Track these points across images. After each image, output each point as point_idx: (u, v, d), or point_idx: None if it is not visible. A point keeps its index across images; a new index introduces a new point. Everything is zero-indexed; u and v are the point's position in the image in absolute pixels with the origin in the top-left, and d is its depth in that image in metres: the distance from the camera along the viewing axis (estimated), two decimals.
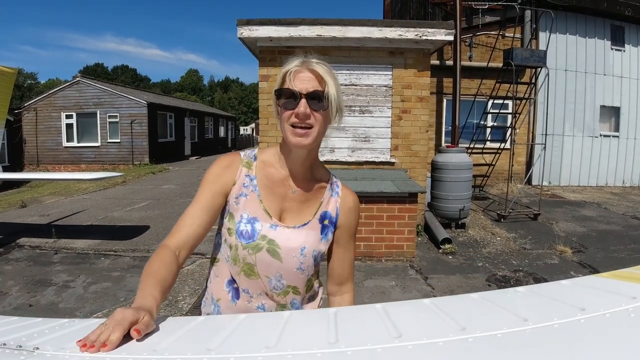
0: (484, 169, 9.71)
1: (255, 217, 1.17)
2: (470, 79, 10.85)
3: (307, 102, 1.10)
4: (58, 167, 18.98)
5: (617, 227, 7.26)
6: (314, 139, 1.14)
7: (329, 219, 1.25)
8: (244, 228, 1.15)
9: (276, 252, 1.15)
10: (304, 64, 1.14)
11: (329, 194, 1.28)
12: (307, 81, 1.12)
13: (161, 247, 1.08)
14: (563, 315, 0.68)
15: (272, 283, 1.18)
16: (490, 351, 0.60)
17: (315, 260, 1.22)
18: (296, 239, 1.18)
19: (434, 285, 4.67)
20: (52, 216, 8.10)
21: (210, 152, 27.11)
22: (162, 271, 1.00)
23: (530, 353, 0.58)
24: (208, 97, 66.69)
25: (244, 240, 1.15)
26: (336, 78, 1.18)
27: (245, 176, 1.21)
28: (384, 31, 6.29)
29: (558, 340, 0.61)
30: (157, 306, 0.88)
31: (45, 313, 3.94)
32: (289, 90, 1.11)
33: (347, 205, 1.29)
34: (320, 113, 1.13)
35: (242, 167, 1.23)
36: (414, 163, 6.79)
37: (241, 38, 6.40)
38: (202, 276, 4.83)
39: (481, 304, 0.80)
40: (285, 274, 1.18)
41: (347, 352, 0.64)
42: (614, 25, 11.89)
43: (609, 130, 12.25)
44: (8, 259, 5.51)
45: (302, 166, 1.22)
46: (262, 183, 1.21)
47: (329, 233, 1.26)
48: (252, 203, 1.18)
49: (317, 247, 1.21)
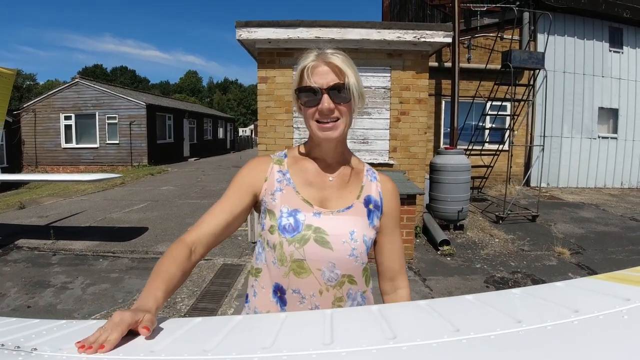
0: (482, 171, 9.72)
1: (296, 209, 1.12)
2: (469, 80, 10.87)
3: (329, 97, 1.09)
4: (57, 169, 18.96)
5: (616, 228, 7.27)
6: (342, 131, 1.14)
7: (374, 203, 1.20)
8: (286, 222, 1.10)
9: (325, 240, 1.08)
10: (320, 57, 1.12)
11: (368, 178, 1.24)
12: (325, 75, 1.10)
13: (177, 242, 1.06)
14: (557, 316, 0.68)
15: (326, 275, 1.10)
16: (483, 352, 0.61)
17: (366, 246, 1.14)
18: (344, 223, 1.12)
19: (432, 286, 4.67)
20: (51, 217, 8.09)
21: (209, 154, 27.10)
22: (172, 269, 0.97)
23: (523, 354, 0.59)
24: (207, 99, 66.74)
25: (288, 235, 1.09)
26: (354, 66, 1.15)
27: (278, 172, 1.19)
28: (383, 33, 6.31)
29: (551, 341, 0.61)
30: (158, 307, 0.87)
31: (43, 314, 3.94)
32: (309, 87, 1.10)
33: (388, 190, 1.25)
34: (344, 105, 1.12)
35: (274, 164, 1.21)
36: (413, 165, 6.80)
37: (240, 40, 6.41)
38: (200, 277, 4.83)
39: (476, 306, 0.80)
40: (339, 262, 1.10)
41: (342, 353, 0.64)
42: (612, 27, 11.92)
43: (607, 132, 12.27)
44: (6, 261, 5.51)
45: (335, 154, 1.21)
46: (297, 175, 1.19)
47: (375, 218, 1.20)
48: (289, 196, 1.14)
49: (367, 232, 1.15)
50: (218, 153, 29.18)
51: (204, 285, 4.61)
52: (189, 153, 24.57)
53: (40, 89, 40.37)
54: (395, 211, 1.25)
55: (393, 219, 1.25)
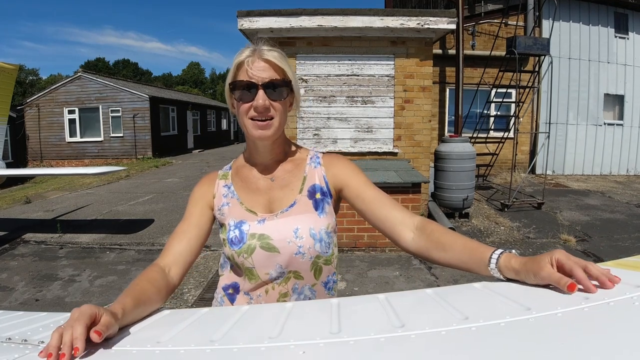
0: (487, 159, 9.67)
1: (241, 220, 1.13)
2: (473, 67, 10.79)
3: (265, 93, 1.07)
4: (61, 163, 19.04)
5: (622, 215, 7.24)
6: (276, 130, 1.12)
7: (320, 191, 1.18)
8: (232, 235, 1.11)
9: (270, 245, 1.09)
10: (257, 53, 1.09)
11: (311, 166, 1.21)
12: (262, 70, 1.08)
13: (150, 265, 1.06)
14: (567, 304, 0.68)
15: (273, 276, 1.11)
16: (493, 340, 0.60)
17: (315, 240, 1.11)
18: (286, 223, 1.11)
19: (437, 275, 4.68)
20: (57, 211, 8.14)
21: (214, 145, 27.13)
22: (142, 283, 0.95)
23: (533, 341, 0.58)
24: (210, 90, 66.60)
25: (235, 247, 1.10)
26: (289, 64, 1.14)
27: (223, 187, 1.21)
28: (386, 20, 6.25)
29: (561, 328, 0.61)
30: (123, 310, 0.79)
31: (51, 307, 3.98)
32: (244, 81, 1.08)
33: (332, 165, 1.21)
34: (280, 102, 1.10)
35: (219, 180, 1.23)
36: (417, 153, 6.78)
37: (242, 30, 6.38)
38: (207, 269, 4.85)
39: (484, 293, 0.80)
40: (285, 262, 1.10)
41: (350, 341, 0.64)
42: (617, 13, 11.75)
43: (613, 119, 12.16)
44: (14, 255, 5.55)
45: (272, 153, 1.20)
46: (239, 186, 1.20)
47: (326, 205, 1.17)
48: (234, 208, 1.16)
49: (314, 224, 1.12)
50: (222, 144, 29.19)
51: (210, 276, 4.64)
52: (193, 145, 24.59)
53: (43, 83, 40.38)
54: (349, 175, 1.19)
55: (354, 181, 1.18)
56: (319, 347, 0.63)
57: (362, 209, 1.17)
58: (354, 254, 5.30)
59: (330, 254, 1.17)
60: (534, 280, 0.77)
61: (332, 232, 1.18)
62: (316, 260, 1.13)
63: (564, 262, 0.75)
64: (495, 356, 0.56)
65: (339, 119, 6.74)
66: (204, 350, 0.66)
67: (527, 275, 0.79)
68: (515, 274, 0.81)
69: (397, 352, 0.60)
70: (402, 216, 1.12)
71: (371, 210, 1.15)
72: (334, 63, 6.66)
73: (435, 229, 1.06)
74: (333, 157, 1.25)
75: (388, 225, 1.12)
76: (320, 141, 6.73)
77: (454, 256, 0.98)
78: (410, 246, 1.08)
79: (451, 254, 0.98)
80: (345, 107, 6.73)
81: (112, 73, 45.46)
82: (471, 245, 0.95)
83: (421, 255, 1.07)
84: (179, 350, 0.67)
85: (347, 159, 1.25)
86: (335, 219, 1.21)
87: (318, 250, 1.12)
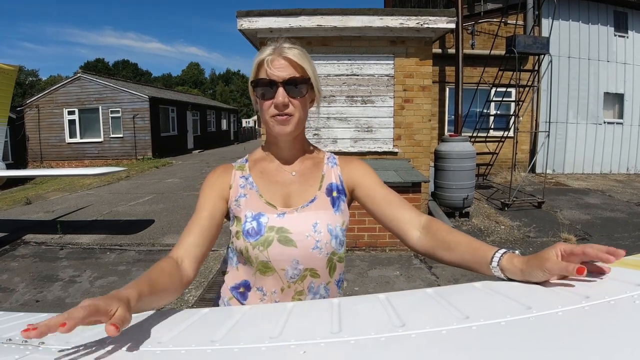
0: (487, 158, 9.67)
1: (259, 213, 1.12)
2: (473, 67, 10.79)
3: (285, 90, 1.09)
4: (62, 164, 19.04)
5: (622, 214, 7.24)
6: (295, 126, 1.14)
7: (336, 189, 1.21)
8: (249, 226, 1.11)
9: (288, 239, 1.09)
10: (277, 51, 1.12)
11: (328, 166, 1.25)
12: (282, 68, 1.10)
13: (163, 258, 1.04)
14: (567, 302, 0.68)
15: (289, 274, 1.11)
16: (494, 339, 0.60)
17: (332, 235, 1.13)
18: (307, 217, 1.12)
19: (438, 274, 4.68)
20: (57, 212, 8.14)
21: (213, 145, 27.13)
22: (154, 273, 0.93)
23: (534, 340, 0.58)
24: (210, 90, 66.66)
25: (251, 239, 1.09)
26: (311, 60, 1.16)
27: (240, 177, 1.20)
28: (385, 20, 6.25)
29: (562, 327, 0.61)
30: (139, 294, 0.78)
31: (52, 308, 3.98)
32: (265, 79, 1.10)
33: (347, 166, 1.25)
34: (299, 99, 1.12)
35: (235, 170, 1.22)
36: (417, 153, 6.77)
37: (241, 30, 6.37)
38: (207, 269, 4.85)
39: (484, 293, 0.80)
40: (302, 258, 1.10)
41: (351, 341, 0.64)
42: (617, 12, 11.76)
43: (612, 118, 12.16)
44: (14, 256, 5.55)
45: (293, 149, 1.22)
46: (259, 178, 1.20)
47: (342, 203, 1.20)
48: (252, 200, 1.15)
49: (331, 220, 1.14)
50: (222, 144, 29.19)
51: (211, 277, 4.64)
52: (193, 145, 24.59)
53: (43, 84, 40.35)
54: (362, 175, 1.23)
55: (366, 181, 1.22)
56: (319, 347, 0.63)
57: (371, 209, 1.20)
58: (355, 253, 5.30)
59: (343, 252, 1.19)
60: (540, 274, 0.78)
61: (345, 230, 1.20)
62: (331, 256, 1.15)
63: (571, 249, 0.77)
64: (496, 355, 0.56)
65: (338, 118, 6.74)
66: (204, 350, 0.66)
67: (532, 271, 0.79)
68: (520, 272, 0.82)
69: (398, 351, 0.60)
70: (410, 215, 1.15)
71: (380, 209, 1.18)
72: (333, 63, 6.66)
73: (441, 228, 1.09)
74: (348, 158, 1.29)
75: (395, 224, 1.16)
76: (320, 141, 6.73)
77: (458, 255, 1.00)
78: (417, 245, 1.11)
79: (455, 253, 1.01)
80: (345, 107, 6.73)
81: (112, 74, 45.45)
82: (475, 245, 0.97)
83: (427, 254, 1.10)
84: (179, 350, 0.67)
85: (361, 160, 1.29)
86: (349, 218, 1.24)
87: (334, 247, 1.14)
